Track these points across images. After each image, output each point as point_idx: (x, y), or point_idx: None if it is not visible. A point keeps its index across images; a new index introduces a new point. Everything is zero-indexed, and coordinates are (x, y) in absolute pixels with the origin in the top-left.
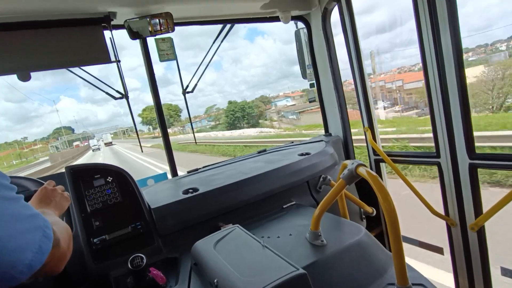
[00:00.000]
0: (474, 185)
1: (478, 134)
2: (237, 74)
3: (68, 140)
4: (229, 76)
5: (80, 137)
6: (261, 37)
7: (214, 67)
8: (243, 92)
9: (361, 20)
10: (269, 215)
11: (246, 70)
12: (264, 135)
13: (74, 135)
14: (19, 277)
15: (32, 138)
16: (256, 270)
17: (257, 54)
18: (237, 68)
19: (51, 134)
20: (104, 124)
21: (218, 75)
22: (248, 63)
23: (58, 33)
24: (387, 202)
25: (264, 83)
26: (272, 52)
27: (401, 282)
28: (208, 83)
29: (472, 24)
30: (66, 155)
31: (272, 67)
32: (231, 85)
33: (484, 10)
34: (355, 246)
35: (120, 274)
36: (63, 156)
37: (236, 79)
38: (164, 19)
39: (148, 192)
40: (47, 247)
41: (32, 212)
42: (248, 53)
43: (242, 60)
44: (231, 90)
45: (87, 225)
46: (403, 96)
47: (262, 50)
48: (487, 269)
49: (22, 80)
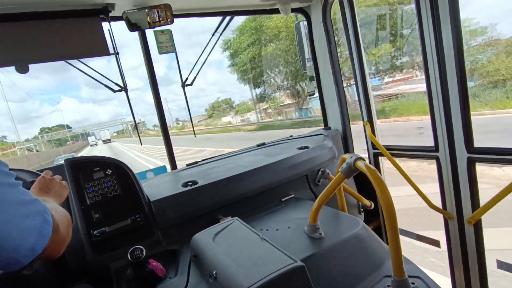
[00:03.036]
0: (472, 179)
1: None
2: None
3: (64, 138)
4: (231, 75)
5: (79, 135)
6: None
7: (216, 67)
8: (244, 91)
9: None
10: (268, 208)
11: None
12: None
13: (70, 133)
14: (23, 261)
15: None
16: (254, 262)
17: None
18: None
19: (39, 132)
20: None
21: (220, 74)
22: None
23: (56, 25)
24: (385, 195)
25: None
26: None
27: (397, 275)
28: (210, 83)
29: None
30: (42, 157)
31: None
32: (233, 85)
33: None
34: (352, 239)
35: (120, 266)
36: (33, 161)
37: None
38: (163, 10)
39: (148, 185)
40: (47, 231)
41: (31, 198)
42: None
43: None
44: (232, 90)
45: (87, 218)
46: None
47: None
48: (482, 261)
49: (20, 72)
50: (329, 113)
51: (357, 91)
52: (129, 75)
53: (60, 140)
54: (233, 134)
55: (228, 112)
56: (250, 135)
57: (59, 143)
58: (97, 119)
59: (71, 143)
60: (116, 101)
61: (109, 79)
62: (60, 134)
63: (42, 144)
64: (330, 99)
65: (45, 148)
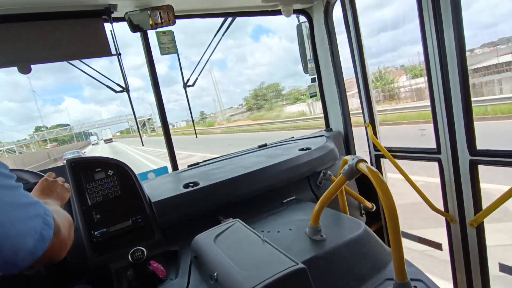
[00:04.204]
0: (474, 181)
1: None
2: (242, 73)
3: (62, 138)
4: (233, 75)
5: (80, 134)
6: (265, 35)
7: (219, 67)
8: (247, 92)
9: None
10: (269, 209)
11: (251, 69)
12: None
13: (67, 132)
14: (21, 264)
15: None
16: (256, 264)
17: (262, 52)
18: (242, 67)
19: (34, 131)
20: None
21: (223, 74)
22: (253, 62)
23: (58, 26)
24: (387, 197)
25: (269, 82)
26: (278, 50)
27: (399, 278)
28: (212, 83)
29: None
30: (24, 159)
31: (278, 65)
32: (235, 84)
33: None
34: (354, 241)
35: (120, 266)
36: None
37: (241, 78)
38: (165, 11)
39: (149, 185)
40: (48, 234)
41: (31, 200)
42: (253, 52)
43: (247, 59)
44: (235, 90)
45: (88, 218)
46: None
47: (267, 48)
48: (485, 265)
49: (23, 73)
50: (331, 114)
51: (358, 93)
52: (134, 75)
53: (57, 139)
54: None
55: (291, 100)
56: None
57: (55, 144)
58: (100, 119)
59: (54, 146)
60: (119, 101)
61: (111, 80)
62: (54, 133)
63: (33, 145)
64: (331, 100)
65: (35, 149)
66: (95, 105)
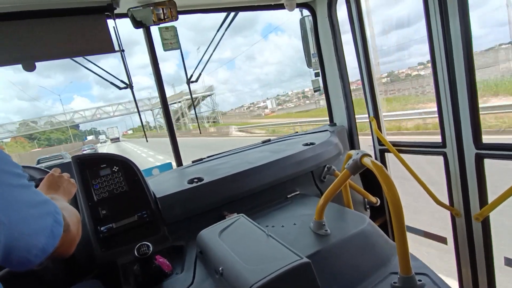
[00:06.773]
0: (480, 175)
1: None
2: (251, 72)
3: (57, 137)
4: (242, 74)
5: (90, 132)
6: (274, 34)
7: (227, 66)
8: (255, 91)
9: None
10: (274, 204)
11: (260, 68)
12: None
13: (57, 126)
14: (34, 261)
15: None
16: (260, 259)
17: (272, 51)
18: (251, 65)
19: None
20: (116, 123)
21: (231, 73)
22: (263, 61)
23: (61, 22)
24: (392, 192)
25: (277, 81)
26: (287, 48)
27: (404, 272)
28: (221, 81)
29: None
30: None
31: (287, 64)
32: (243, 84)
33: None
34: (358, 236)
35: (127, 261)
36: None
37: (249, 77)
38: (168, 7)
39: (154, 181)
40: (58, 231)
41: (43, 198)
42: (262, 50)
43: (256, 58)
44: (243, 89)
45: (94, 214)
46: None
47: (276, 46)
48: (490, 259)
49: (27, 70)
50: (335, 109)
51: (363, 87)
52: (143, 74)
53: (50, 138)
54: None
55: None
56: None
57: (47, 143)
58: (108, 118)
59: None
60: (127, 100)
61: (115, 76)
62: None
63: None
64: (335, 95)
65: (21, 150)
66: (104, 103)
